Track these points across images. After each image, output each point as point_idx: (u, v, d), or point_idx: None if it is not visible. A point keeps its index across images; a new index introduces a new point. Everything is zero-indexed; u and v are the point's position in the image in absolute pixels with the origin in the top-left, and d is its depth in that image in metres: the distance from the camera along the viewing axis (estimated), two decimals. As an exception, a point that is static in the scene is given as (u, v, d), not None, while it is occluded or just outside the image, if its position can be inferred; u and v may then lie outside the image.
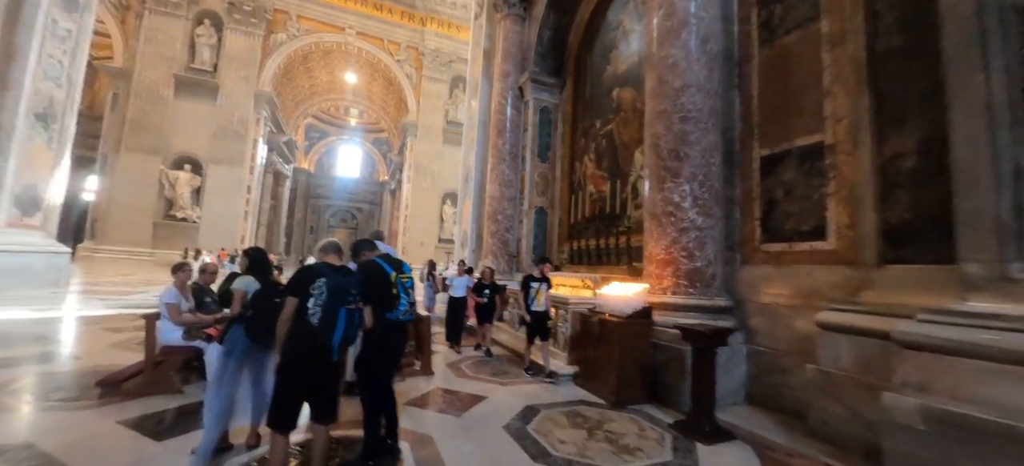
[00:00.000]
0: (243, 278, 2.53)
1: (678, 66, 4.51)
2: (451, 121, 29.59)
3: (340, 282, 2.14)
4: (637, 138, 7.47)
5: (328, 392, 2.09)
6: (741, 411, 3.66)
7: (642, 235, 6.82)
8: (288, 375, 2.03)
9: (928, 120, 2.84)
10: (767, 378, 3.83)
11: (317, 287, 2.07)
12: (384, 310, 2.54)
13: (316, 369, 2.05)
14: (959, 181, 2.48)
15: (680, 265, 4.22)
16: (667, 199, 4.37)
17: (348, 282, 2.20)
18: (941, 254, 2.67)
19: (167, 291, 3.41)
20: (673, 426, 3.20)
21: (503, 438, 2.90)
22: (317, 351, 2.02)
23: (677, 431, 3.12)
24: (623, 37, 8.14)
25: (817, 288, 3.61)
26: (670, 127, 4.45)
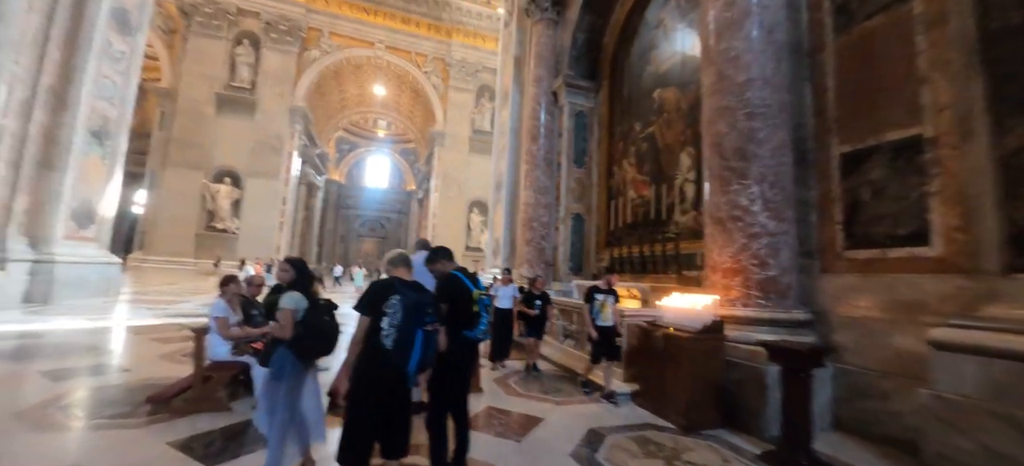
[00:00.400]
0: (291, 295, 2.34)
1: (741, 59, 4.16)
2: (477, 130, 29.74)
3: (416, 300, 1.90)
4: (681, 140, 7.11)
5: (401, 424, 1.86)
6: (832, 439, 3.24)
7: (693, 241, 6.48)
8: (359, 405, 1.81)
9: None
10: (860, 402, 3.39)
11: (391, 305, 1.84)
12: (463, 328, 2.35)
13: (390, 398, 1.81)
14: None
15: (751, 274, 3.84)
16: (733, 202, 4.01)
17: (425, 300, 1.98)
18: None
19: (216, 304, 3.32)
20: (761, 458, 2.83)
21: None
22: (391, 378, 1.79)
23: (767, 464, 2.75)
24: (664, 36, 7.80)
25: (921, 300, 3.17)
26: (734, 125, 4.10)
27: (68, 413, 3.07)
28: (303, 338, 2.24)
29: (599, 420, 3.41)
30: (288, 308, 2.30)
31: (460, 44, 29.30)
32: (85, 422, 2.93)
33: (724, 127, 4.17)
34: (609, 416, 3.55)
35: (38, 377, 3.88)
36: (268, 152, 23.31)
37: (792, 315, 3.71)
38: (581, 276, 9.17)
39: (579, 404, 3.86)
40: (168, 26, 22.65)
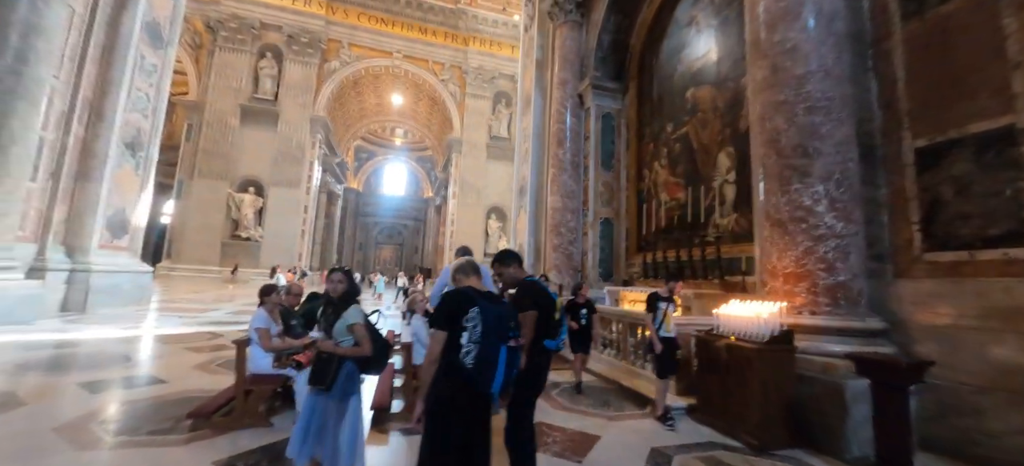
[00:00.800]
0: (356, 308, 2.22)
1: (799, 50, 3.91)
2: (495, 136, 29.76)
3: (498, 312, 1.71)
4: (719, 139, 6.83)
5: (483, 454, 1.67)
6: (923, 461, 2.93)
7: (735, 245, 6.19)
8: (437, 434, 1.60)
9: None
10: (951, 420, 3.07)
11: (470, 318, 1.64)
12: (544, 338, 2.18)
13: (471, 424, 1.61)
14: None
15: (817, 279, 3.56)
16: (795, 202, 3.73)
17: (506, 312, 1.79)
18: None
19: (256, 315, 3.21)
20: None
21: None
22: (473, 401, 1.59)
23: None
24: (697, 34, 7.55)
25: (1021, 307, 2.85)
26: (793, 120, 3.84)
27: (108, 429, 2.98)
28: (374, 354, 2.16)
29: (659, 438, 3.16)
30: (359, 322, 2.17)
31: (476, 52, 29.45)
32: (126, 439, 2.83)
33: (782, 122, 3.91)
34: (668, 434, 3.30)
35: (77, 389, 3.83)
36: (290, 161, 23.70)
37: (867, 324, 3.41)
38: (611, 282, 8.91)
39: (632, 420, 3.61)
40: (195, 41, 23.32)
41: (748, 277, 5.76)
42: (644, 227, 8.53)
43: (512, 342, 1.69)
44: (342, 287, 2.29)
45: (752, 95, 4.46)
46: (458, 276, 1.88)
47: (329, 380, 2.10)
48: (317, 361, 2.14)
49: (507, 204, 29.51)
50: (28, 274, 7.42)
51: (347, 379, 2.14)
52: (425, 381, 1.61)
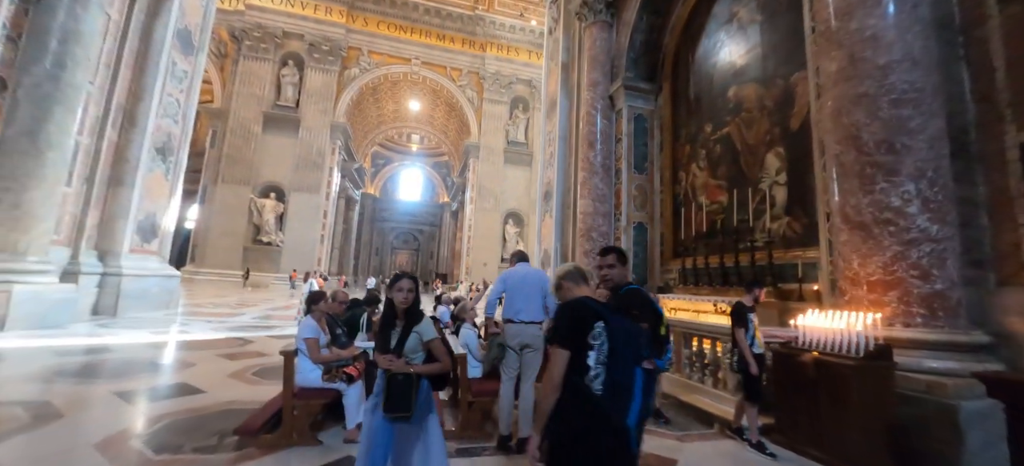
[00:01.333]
0: (429, 322, 1.99)
1: (881, 38, 3.59)
2: (511, 141, 29.67)
3: (626, 327, 1.44)
4: (767, 140, 6.49)
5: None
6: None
7: (787, 250, 5.82)
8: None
9: None
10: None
11: (596, 335, 1.37)
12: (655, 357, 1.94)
13: (605, 463, 1.32)
14: None
15: (911, 288, 3.21)
16: (881, 203, 3.40)
17: (636, 328, 1.52)
18: None
19: (304, 324, 3.01)
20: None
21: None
22: (609, 436, 1.31)
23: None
24: (739, 30, 7.23)
25: None
26: (876, 113, 3.51)
27: (151, 443, 2.81)
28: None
29: (743, 461, 2.86)
30: (438, 336, 1.96)
31: (494, 57, 29.46)
32: (169, 457, 2.65)
33: (863, 116, 3.58)
34: (752, 455, 2.99)
35: (114, 399, 3.69)
36: (310, 167, 23.91)
37: (972, 338, 3.06)
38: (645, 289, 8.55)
39: (706, 440, 3.31)
40: (220, 50, 23.78)
41: (805, 284, 5.39)
42: (682, 232, 8.18)
43: (647, 363, 1.43)
44: (412, 297, 2.05)
45: (823, 88, 4.14)
46: (566, 284, 1.63)
47: (411, 406, 1.84)
48: (392, 385, 1.86)
49: (524, 209, 29.33)
50: (62, 278, 7.45)
51: (425, 399, 1.91)
52: (544, 411, 1.35)
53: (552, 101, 12.67)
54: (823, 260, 4.53)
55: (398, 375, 1.89)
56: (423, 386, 1.93)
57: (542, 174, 13.00)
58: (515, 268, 3.36)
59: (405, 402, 1.85)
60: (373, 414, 1.96)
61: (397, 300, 2.05)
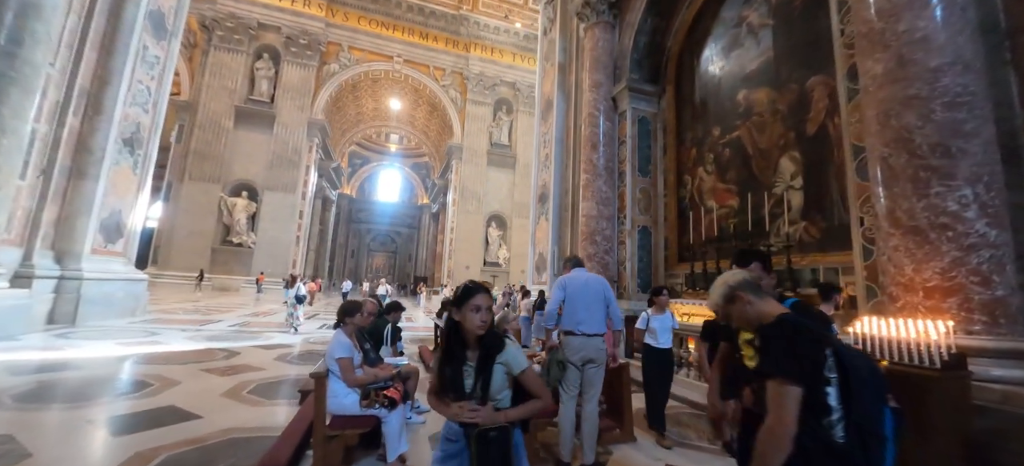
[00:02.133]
0: (515, 349, 1.58)
1: (931, 40, 3.52)
2: (495, 143, 29.39)
3: (863, 356, 1.16)
4: (781, 144, 6.46)
5: None
6: None
7: (805, 255, 5.77)
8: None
9: None
10: None
11: (830, 367, 1.09)
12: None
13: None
14: None
15: (971, 294, 3.13)
16: (937, 207, 3.31)
17: (868, 359, 1.22)
18: None
19: (337, 341, 2.58)
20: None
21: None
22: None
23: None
24: (749, 34, 7.22)
25: None
26: (929, 116, 3.43)
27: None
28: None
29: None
30: (529, 366, 1.50)
31: (478, 58, 29.14)
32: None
33: (914, 119, 3.49)
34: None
35: (93, 430, 3.15)
36: (286, 165, 22.82)
37: (1037, 346, 2.98)
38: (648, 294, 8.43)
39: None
40: (189, 40, 22.40)
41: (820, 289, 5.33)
42: (688, 236, 8.10)
43: (892, 402, 1.16)
44: (491, 319, 1.53)
45: (863, 91, 4.05)
46: (745, 295, 1.33)
47: (499, 452, 1.39)
48: (485, 447, 1.38)
49: (507, 212, 29.07)
50: (12, 282, 6.60)
51: (519, 452, 1.48)
52: (766, 461, 1.06)
53: (547, 102, 12.48)
54: (857, 265, 4.47)
55: (490, 430, 1.40)
56: (516, 436, 1.46)
57: (536, 176, 12.77)
58: (572, 274, 3.06)
59: (504, 463, 1.39)
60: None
61: (472, 323, 1.48)
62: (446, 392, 1.49)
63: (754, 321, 1.33)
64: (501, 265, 29.15)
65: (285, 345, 7.33)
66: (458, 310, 1.52)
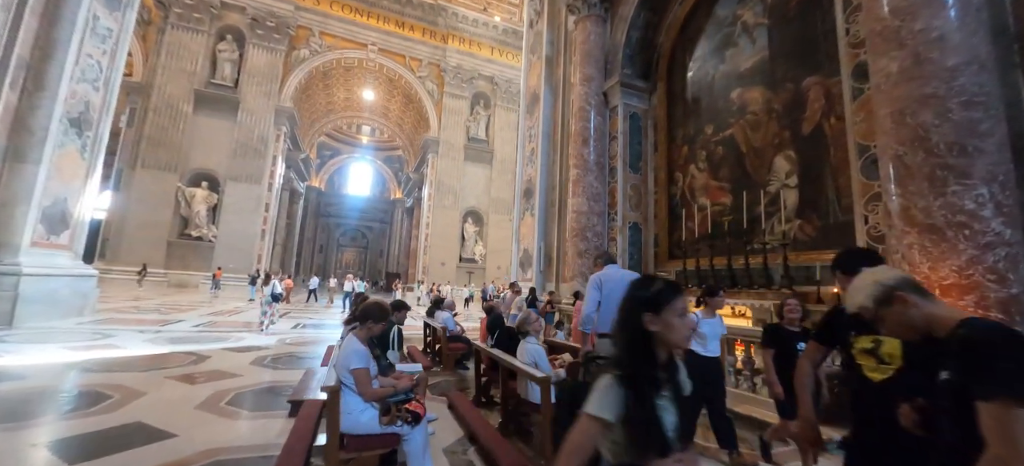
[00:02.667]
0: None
1: (948, 40, 3.54)
2: (472, 138, 28.93)
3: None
4: (776, 143, 6.52)
5: None
6: None
7: (801, 254, 5.83)
8: None
9: None
10: None
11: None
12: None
13: None
14: None
15: (987, 292, 3.16)
16: (954, 206, 3.33)
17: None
18: None
19: (351, 350, 2.21)
20: None
21: None
22: None
23: None
24: (743, 33, 7.26)
25: None
26: (946, 115, 3.45)
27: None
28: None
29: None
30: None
31: (456, 50, 28.55)
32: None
33: (931, 117, 3.51)
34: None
35: (39, 459, 2.66)
36: (251, 155, 21.54)
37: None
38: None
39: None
40: (143, 17, 20.62)
41: (823, 287, 5.40)
42: (678, 233, 8.10)
43: None
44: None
45: (876, 89, 4.06)
46: (913, 298, 1.14)
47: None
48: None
49: (484, 207, 28.73)
50: (-66, 279, 5.75)
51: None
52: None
53: (533, 96, 12.26)
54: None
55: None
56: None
57: (520, 171, 12.54)
58: (607, 271, 2.86)
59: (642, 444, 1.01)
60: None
61: (679, 336, 1.10)
62: (646, 450, 1.01)
63: (921, 327, 1.14)
64: (477, 261, 28.81)
65: (259, 347, 6.78)
66: (654, 317, 1.09)
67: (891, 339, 1.43)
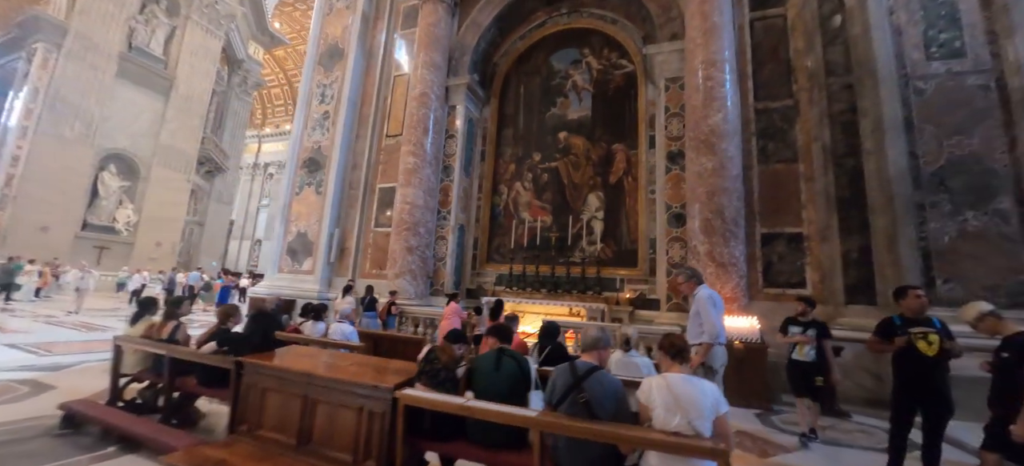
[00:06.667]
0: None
1: (734, 158, 6.20)
2: (138, 49, 19.77)
3: None
4: (590, 184, 8.60)
5: None
6: None
7: (603, 268, 7.98)
8: None
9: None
10: None
11: None
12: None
13: None
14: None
15: (740, 303, 5.79)
16: (732, 252, 5.88)
17: None
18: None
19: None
20: None
21: None
22: None
23: None
24: (574, 91, 9.09)
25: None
26: (731, 201, 6.03)
27: None
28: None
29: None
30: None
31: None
32: None
33: (726, 200, 6.01)
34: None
35: None
36: None
37: None
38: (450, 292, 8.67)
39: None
40: None
41: (621, 293, 7.69)
42: (498, 240, 9.01)
43: None
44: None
45: (698, 177, 6.38)
46: (993, 318, 2.30)
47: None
48: None
49: (144, 154, 19.99)
50: None
51: None
52: None
53: (333, 48, 10.12)
54: (661, 280, 6.83)
55: None
56: None
57: (300, 133, 9.98)
58: (712, 291, 3.25)
59: None
60: None
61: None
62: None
63: (994, 331, 2.45)
64: (120, 232, 19.49)
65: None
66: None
67: (933, 332, 2.78)
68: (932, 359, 2.73)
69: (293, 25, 28.48)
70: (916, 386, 2.77)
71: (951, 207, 5.10)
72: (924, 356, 2.75)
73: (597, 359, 2.06)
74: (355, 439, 2.28)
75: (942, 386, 2.73)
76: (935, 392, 2.71)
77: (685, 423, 1.76)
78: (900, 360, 2.86)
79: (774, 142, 6.64)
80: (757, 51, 6.91)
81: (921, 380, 2.74)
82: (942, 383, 2.73)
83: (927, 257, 5.13)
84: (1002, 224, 4.91)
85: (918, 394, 2.77)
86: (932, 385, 2.71)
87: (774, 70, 6.76)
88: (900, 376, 2.87)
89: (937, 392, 2.71)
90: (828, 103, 6.21)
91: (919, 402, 2.77)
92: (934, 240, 5.10)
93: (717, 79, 6.29)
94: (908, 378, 2.81)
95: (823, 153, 6.14)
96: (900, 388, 2.87)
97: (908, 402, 2.81)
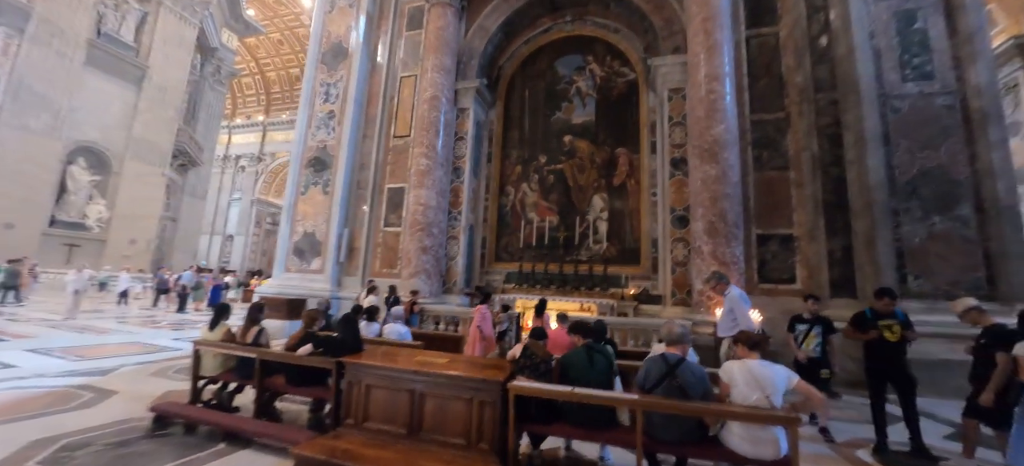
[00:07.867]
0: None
1: (734, 166, 6.79)
2: (108, 35, 18.80)
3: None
4: (595, 185, 9.07)
5: None
6: None
7: (616, 266, 8.47)
8: None
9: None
10: None
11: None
12: None
13: None
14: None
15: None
16: (733, 253, 6.48)
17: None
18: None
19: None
20: None
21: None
22: None
23: None
24: (578, 96, 9.51)
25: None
26: (733, 205, 6.63)
27: None
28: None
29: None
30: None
31: None
32: None
33: (727, 205, 6.61)
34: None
35: None
36: None
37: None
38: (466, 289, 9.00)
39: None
40: None
41: (626, 289, 8.23)
42: (505, 239, 9.36)
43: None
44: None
45: (701, 184, 6.94)
46: (976, 311, 2.89)
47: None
48: None
49: (117, 148, 19.14)
50: None
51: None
52: None
53: (336, 47, 10.12)
54: (665, 278, 7.39)
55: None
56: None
57: (304, 132, 9.96)
58: (740, 290, 3.73)
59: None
60: None
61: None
62: None
63: (977, 322, 3.06)
64: (91, 228, 18.64)
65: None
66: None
67: (897, 323, 3.39)
68: (894, 345, 3.38)
69: (266, 12, 27.48)
70: (882, 365, 3.43)
71: (921, 213, 5.82)
72: (888, 342, 3.39)
73: (681, 351, 2.50)
74: (467, 426, 2.63)
75: (902, 365, 3.36)
76: (898, 369, 3.35)
77: (763, 398, 2.22)
78: (870, 346, 3.50)
79: (768, 151, 7.28)
80: (752, 66, 7.52)
81: (886, 361, 3.40)
82: (902, 362, 3.37)
83: (901, 256, 5.85)
84: (963, 228, 5.68)
85: (884, 371, 3.41)
86: (896, 364, 3.36)
87: (768, 85, 7.39)
88: (870, 359, 3.53)
89: (899, 369, 3.35)
90: (816, 116, 6.88)
91: (888, 378, 3.39)
92: (907, 241, 5.82)
93: (719, 93, 6.84)
94: (876, 359, 3.46)
95: (812, 162, 6.82)
96: (870, 368, 3.51)
97: (878, 378, 3.44)
